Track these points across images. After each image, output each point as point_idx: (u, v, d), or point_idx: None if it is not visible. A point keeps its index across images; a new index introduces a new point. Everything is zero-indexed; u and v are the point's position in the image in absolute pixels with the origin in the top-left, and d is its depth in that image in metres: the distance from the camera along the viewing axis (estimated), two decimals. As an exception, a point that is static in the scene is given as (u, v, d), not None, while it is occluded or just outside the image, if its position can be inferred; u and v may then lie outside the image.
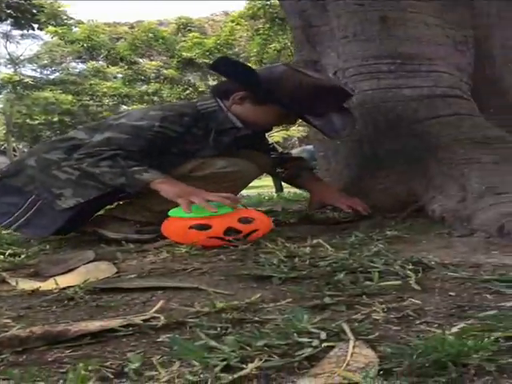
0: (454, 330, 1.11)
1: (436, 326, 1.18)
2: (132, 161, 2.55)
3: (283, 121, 2.99)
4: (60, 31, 22.29)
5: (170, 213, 2.43)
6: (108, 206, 2.97)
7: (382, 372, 0.93)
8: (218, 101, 2.81)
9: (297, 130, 28.73)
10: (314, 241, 2.21)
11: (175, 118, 2.68)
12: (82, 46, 23.12)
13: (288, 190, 7.42)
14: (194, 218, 2.34)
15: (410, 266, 1.71)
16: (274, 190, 7.97)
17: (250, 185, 3.00)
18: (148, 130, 2.62)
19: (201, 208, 2.35)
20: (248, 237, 2.32)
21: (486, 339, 1.01)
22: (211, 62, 2.83)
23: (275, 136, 30.51)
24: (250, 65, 2.94)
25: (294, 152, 9.61)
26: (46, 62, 31.56)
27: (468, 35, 3.31)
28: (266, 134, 3.27)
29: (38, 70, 32.00)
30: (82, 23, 23.95)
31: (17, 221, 2.59)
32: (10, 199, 2.64)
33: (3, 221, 2.62)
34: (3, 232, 2.88)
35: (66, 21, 22.88)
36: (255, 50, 20.80)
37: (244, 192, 3.55)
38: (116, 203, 2.93)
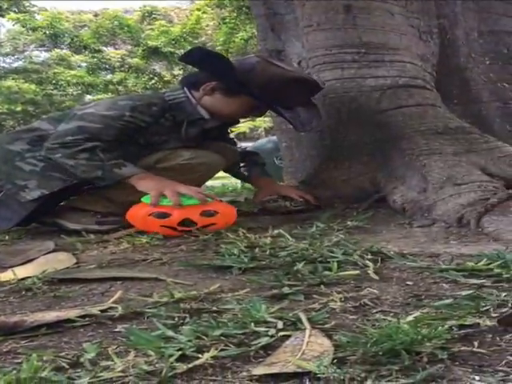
0: (409, 318, 1.12)
1: (392, 314, 1.19)
2: (109, 153, 2.53)
3: (253, 112, 2.98)
4: (22, 18, 21.98)
5: (143, 199, 2.45)
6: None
7: (336, 360, 0.94)
8: (186, 92, 2.79)
9: (263, 121, 28.69)
10: (275, 231, 2.22)
11: (144, 108, 2.65)
12: (45, 33, 22.81)
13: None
14: (160, 206, 2.36)
15: (369, 256, 1.73)
16: (238, 180, 7.97)
17: (215, 175, 3.00)
18: (118, 119, 2.58)
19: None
20: (204, 228, 2.34)
21: (440, 328, 1.02)
22: (184, 52, 2.82)
23: (241, 127, 30.47)
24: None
25: (260, 142, 9.62)
26: (8, 50, 31.09)
27: (432, 25, 3.33)
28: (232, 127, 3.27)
29: (1, 59, 31.53)
30: (46, 10, 23.62)
31: None
32: None
33: None
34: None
35: (28, 8, 22.55)
36: (222, 40, 20.70)
37: (208, 182, 3.54)
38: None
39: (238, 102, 2.79)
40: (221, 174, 3.22)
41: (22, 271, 1.71)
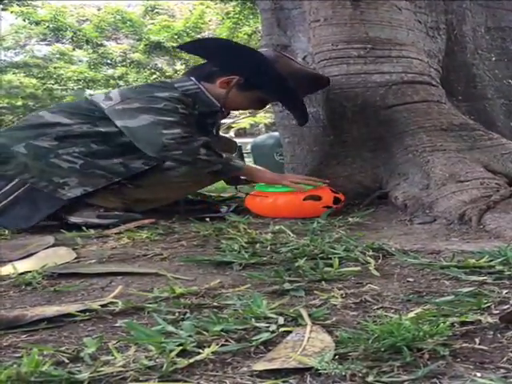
0: (411, 315, 1.12)
1: (393, 311, 1.19)
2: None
3: (260, 106, 3.04)
4: (25, 12, 21.94)
5: (257, 187, 2.71)
6: None
7: (337, 356, 0.94)
8: (196, 83, 2.78)
9: (263, 117, 28.69)
10: (276, 227, 2.21)
11: (185, 99, 2.67)
12: (48, 27, 22.78)
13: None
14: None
15: (371, 253, 1.73)
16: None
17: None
18: (175, 112, 2.59)
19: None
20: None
21: (442, 324, 1.02)
22: (193, 42, 2.84)
23: (242, 123, 30.46)
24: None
25: (261, 138, 9.60)
26: (9, 43, 31.07)
27: (440, 21, 3.32)
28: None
29: (2, 53, 31.51)
30: (49, 4, 23.59)
31: None
32: None
33: None
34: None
35: (30, 1, 22.51)
36: (225, 34, 20.64)
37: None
38: None
39: (250, 96, 2.83)
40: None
41: (21, 266, 1.70)
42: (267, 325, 1.09)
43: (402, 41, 3.04)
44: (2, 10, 21.68)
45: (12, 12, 22.28)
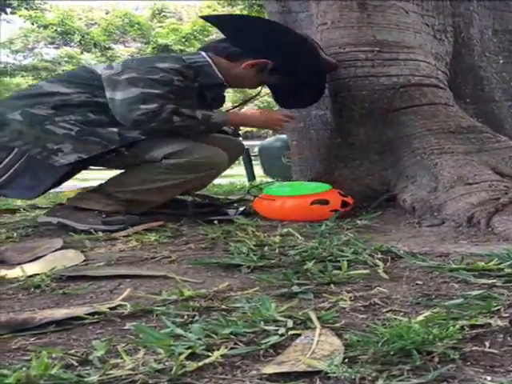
0: (420, 318, 1.12)
1: (402, 314, 1.19)
2: (187, 110, 2.61)
3: (261, 86, 3.08)
4: (33, 15, 22.03)
5: (267, 190, 2.73)
6: (67, 195, 2.87)
7: (346, 360, 0.94)
8: (205, 56, 2.78)
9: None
10: (285, 230, 2.21)
11: (185, 72, 2.67)
12: (55, 30, 22.86)
13: (260, 178, 7.42)
14: (313, 194, 2.61)
15: (379, 255, 1.72)
16: (246, 179, 7.97)
17: (223, 173, 3.00)
18: (169, 84, 2.60)
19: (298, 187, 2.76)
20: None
21: (451, 327, 1.02)
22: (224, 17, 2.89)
23: (250, 125, 30.43)
24: None
25: (268, 141, 9.60)
26: (18, 47, 31.18)
27: (447, 23, 3.31)
28: None
29: (11, 56, 31.65)
30: (57, 8, 23.69)
31: None
32: None
33: None
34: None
35: (39, 5, 22.59)
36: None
37: (216, 180, 3.53)
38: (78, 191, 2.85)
39: (263, 78, 2.89)
40: (228, 172, 3.21)
41: (30, 268, 1.71)
42: (276, 328, 1.09)
43: (410, 43, 3.04)
44: (11, 13, 21.71)
45: (20, 16, 22.36)
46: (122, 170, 2.70)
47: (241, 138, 3.40)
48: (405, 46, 3.02)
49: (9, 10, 22.16)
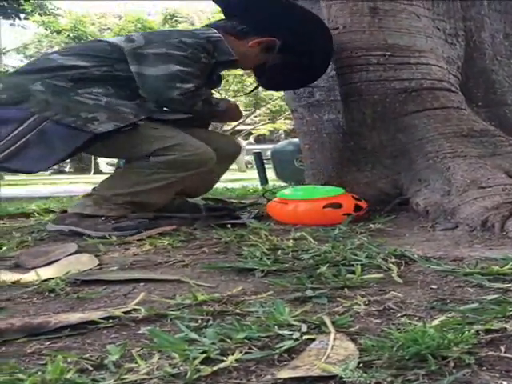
0: (435, 322, 1.11)
1: (417, 318, 1.18)
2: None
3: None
4: (46, 21, 22.13)
5: (279, 194, 2.73)
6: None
7: (361, 364, 0.93)
8: (217, 32, 2.78)
9: (283, 123, 28.73)
10: (298, 233, 2.21)
11: (208, 47, 2.69)
12: (68, 36, 22.96)
13: (273, 182, 7.42)
14: (326, 197, 2.61)
15: (393, 259, 1.72)
16: (258, 182, 7.98)
17: (235, 177, 3.01)
18: (197, 62, 2.63)
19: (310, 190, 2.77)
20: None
21: (467, 332, 1.01)
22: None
23: (261, 129, 30.48)
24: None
25: (281, 144, 9.60)
26: (32, 52, 31.34)
27: (458, 27, 3.31)
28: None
29: (26, 61, 31.80)
30: (70, 13, 23.80)
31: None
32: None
33: None
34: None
35: (52, 10, 22.69)
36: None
37: (229, 184, 3.54)
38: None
39: (265, 57, 2.90)
40: (241, 175, 3.22)
41: (45, 272, 1.71)
42: (290, 332, 1.09)
43: (421, 48, 3.03)
44: (25, 18, 21.81)
45: (34, 21, 22.46)
46: (111, 171, 2.70)
47: (252, 140, 3.41)
48: (416, 50, 3.02)
49: (22, 16, 22.28)
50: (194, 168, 2.64)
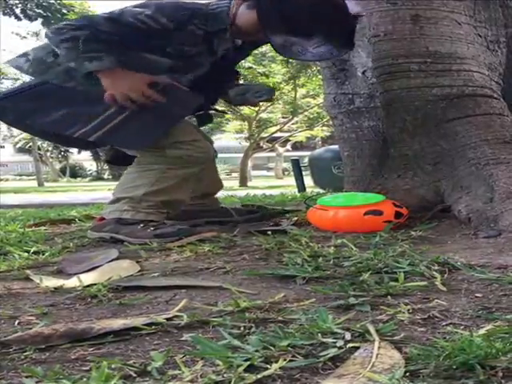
0: (482, 331, 1.09)
1: (463, 327, 1.17)
2: (95, 44, 2.47)
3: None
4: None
5: (319, 201, 2.70)
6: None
7: (408, 374, 0.92)
8: (229, 3, 2.66)
9: (320, 130, 28.69)
10: (339, 240, 2.20)
11: (169, 11, 2.56)
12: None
13: (311, 189, 7.40)
14: (366, 204, 2.59)
15: (436, 267, 1.70)
16: (296, 189, 7.98)
17: (273, 184, 3.02)
18: (133, 16, 2.50)
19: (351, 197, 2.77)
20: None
21: (515, 342, 0.99)
22: None
23: (298, 136, 30.46)
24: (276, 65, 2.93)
25: (318, 151, 9.59)
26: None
27: (500, 34, 3.27)
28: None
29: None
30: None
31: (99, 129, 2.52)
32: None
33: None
34: (27, 229, 2.90)
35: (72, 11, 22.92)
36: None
37: (267, 191, 3.54)
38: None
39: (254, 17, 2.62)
40: (278, 182, 3.22)
41: (87, 278, 1.72)
42: (334, 340, 1.08)
43: (463, 54, 3.00)
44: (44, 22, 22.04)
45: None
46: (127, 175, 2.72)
47: (289, 147, 3.38)
48: (458, 56, 2.99)
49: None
50: (201, 163, 2.71)
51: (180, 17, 2.56)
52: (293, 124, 27.18)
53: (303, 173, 8.65)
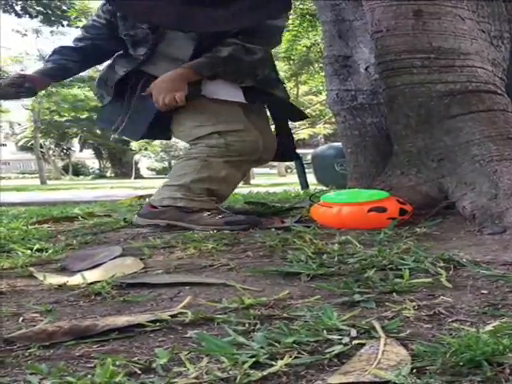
0: (488, 328, 1.09)
1: (469, 324, 1.16)
2: None
3: None
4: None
5: (323, 198, 2.70)
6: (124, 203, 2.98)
7: (414, 370, 0.91)
8: None
9: (323, 128, 28.67)
10: (343, 237, 2.19)
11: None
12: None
13: (314, 187, 7.40)
14: (370, 201, 2.57)
15: (441, 264, 1.69)
16: (299, 187, 7.97)
17: (276, 182, 3.03)
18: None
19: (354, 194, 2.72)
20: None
21: (521, 338, 0.99)
22: None
23: (301, 133, 30.44)
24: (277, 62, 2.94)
25: (321, 149, 9.58)
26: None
27: (504, 29, 3.26)
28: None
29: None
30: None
31: None
32: None
33: None
34: (30, 227, 2.90)
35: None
36: (284, 47, 20.70)
37: (271, 189, 3.54)
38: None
39: None
40: (281, 180, 3.23)
41: (90, 276, 1.72)
42: (340, 337, 1.07)
43: (466, 50, 2.99)
44: (67, 25, 22.08)
45: (78, 27, 22.75)
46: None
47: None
48: (461, 52, 2.97)
49: (65, 23, 22.55)
50: (246, 154, 2.78)
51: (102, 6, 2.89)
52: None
53: (306, 170, 8.64)
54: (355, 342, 1.05)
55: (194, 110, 2.73)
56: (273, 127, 3.18)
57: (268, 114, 3.18)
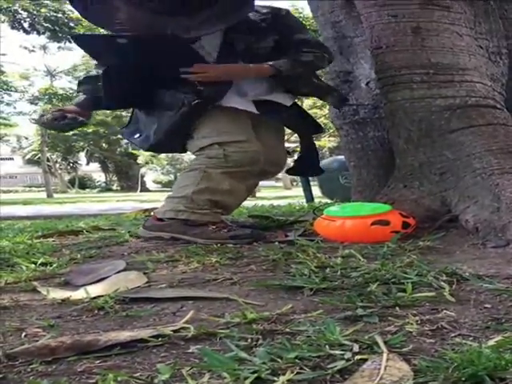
0: (491, 343, 1.09)
1: (472, 338, 1.16)
2: None
3: None
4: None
5: (326, 211, 2.71)
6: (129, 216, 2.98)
7: (416, 386, 0.91)
8: None
9: (327, 141, 28.68)
10: (346, 251, 2.19)
11: None
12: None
13: (319, 199, 7.39)
14: (373, 214, 2.57)
15: (444, 278, 1.69)
16: (304, 200, 7.96)
17: (281, 195, 3.02)
18: None
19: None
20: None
21: (524, 353, 0.98)
22: None
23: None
24: None
25: (326, 161, 9.58)
26: (81, 74, 31.85)
27: (501, 45, 3.27)
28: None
29: (75, 82, 32.38)
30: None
31: None
32: None
33: None
34: (35, 241, 2.90)
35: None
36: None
37: (275, 202, 3.54)
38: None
39: None
40: (286, 193, 3.22)
41: (94, 290, 1.72)
42: (342, 352, 1.07)
43: (465, 65, 3.01)
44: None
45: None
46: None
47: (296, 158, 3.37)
48: (460, 68, 3.00)
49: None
50: (246, 165, 2.76)
51: None
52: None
53: (311, 183, 8.63)
54: (357, 357, 1.05)
55: (200, 121, 2.74)
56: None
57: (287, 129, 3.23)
